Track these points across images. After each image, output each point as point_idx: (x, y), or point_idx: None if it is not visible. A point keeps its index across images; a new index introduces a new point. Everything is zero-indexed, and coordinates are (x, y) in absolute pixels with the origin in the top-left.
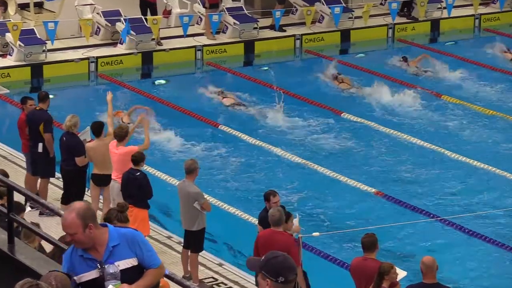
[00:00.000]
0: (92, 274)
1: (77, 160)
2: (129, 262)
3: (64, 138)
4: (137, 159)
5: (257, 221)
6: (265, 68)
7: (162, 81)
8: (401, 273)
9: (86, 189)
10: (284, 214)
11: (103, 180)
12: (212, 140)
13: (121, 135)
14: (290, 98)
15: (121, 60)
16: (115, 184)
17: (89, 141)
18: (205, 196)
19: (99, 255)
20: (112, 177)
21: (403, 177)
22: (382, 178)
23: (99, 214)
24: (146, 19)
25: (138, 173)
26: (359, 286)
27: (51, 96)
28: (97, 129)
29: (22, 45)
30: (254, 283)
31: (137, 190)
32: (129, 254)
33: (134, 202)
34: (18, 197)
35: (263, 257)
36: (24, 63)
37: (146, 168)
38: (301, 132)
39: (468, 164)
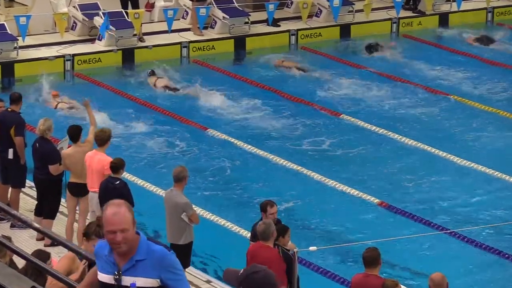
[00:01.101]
0: (107, 279)
1: (51, 169)
2: (149, 283)
3: (37, 144)
4: (117, 165)
5: (250, 236)
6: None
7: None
8: None
9: (62, 199)
10: (271, 228)
11: (80, 190)
12: (201, 145)
13: (103, 139)
14: (284, 100)
15: (99, 58)
16: (95, 196)
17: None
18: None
19: (122, 262)
20: (90, 189)
21: (408, 187)
22: (385, 187)
23: (75, 227)
24: (127, 13)
25: (118, 182)
26: None
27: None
28: (74, 133)
29: None
30: None
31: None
32: (152, 273)
33: None
34: None
35: (242, 271)
36: None
37: (126, 175)
38: (298, 137)
39: (480, 173)
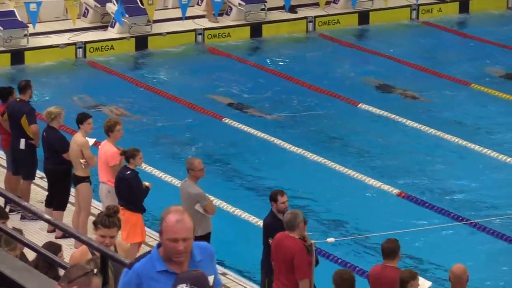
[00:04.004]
0: None
1: (65, 157)
2: (211, 280)
3: (45, 134)
4: (127, 155)
5: (262, 230)
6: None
7: None
8: (425, 284)
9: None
10: (298, 218)
11: (76, 180)
12: (215, 134)
13: (106, 129)
14: (301, 88)
15: (112, 46)
16: (103, 187)
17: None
18: (210, 198)
19: (181, 269)
20: (100, 179)
21: (428, 176)
22: (404, 177)
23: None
24: (140, 0)
25: (128, 172)
26: None
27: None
28: (77, 119)
29: (1, 29)
30: None
31: (127, 191)
32: (211, 271)
33: (125, 204)
34: None
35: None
36: (3, 49)
37: (144, 166)
38: (315, 126)
39: (504, 163)
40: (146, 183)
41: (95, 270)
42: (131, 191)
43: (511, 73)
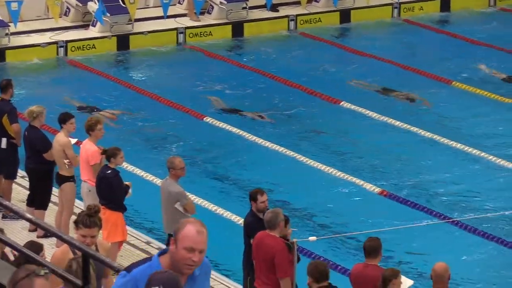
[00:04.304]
0: None
1: (45, 156)
2: None
3: (26, 133)
4: (108, 154)
5: (243, 229)
6: None
7: None
8: (406, 282)
9: (55, 189)
10: (278, 217)
11: (60, 180)
12: (196, 133)
13: (86, 128)
14: (284, 87)
15: (93, 45)
16: (84, 185)
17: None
18: (190, 196)
19: (183, 283)
20: (81, 177)
21: (410, 174)
22: (386, 175)
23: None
24: None
25: (109, 171)
26: None
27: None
28: (60, 119)
29: None
30: None
31: (108, 190)
32: (206, 285)
33: (106, 203)
34: None
35: None
36: None
37: (125, 165)
38: (296, 124)
39: (484, 160)
40: (127, 182)
41: (42, 271)
42: (111, 190)
43: (493, 70)
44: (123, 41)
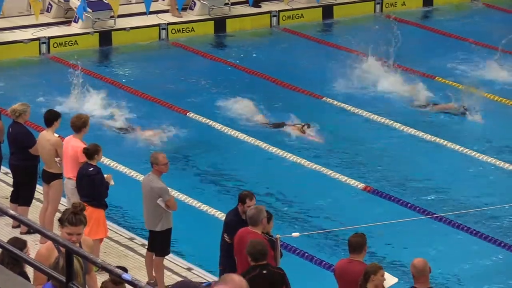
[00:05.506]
0: None
1: (31, 151)
2: None
3: (11, 129)
4: (90, 152)
5: (223, 226)
6: None
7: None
8: (390, 279)
9: (39, 186)
10: (261, 214)
11: (49, 177)
12: (179, 129)
13: (78, 125)
14: (266, 83)
15: (76, 41)
16: (69, 182)
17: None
18: (172, 193)
19: None
20: (65, 175)
21: (394, 170)
22: (370, 171)
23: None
24: None
25: (91, 169)
26: None
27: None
28: (49, 118)
29: None
30: None
31: (90, 187)
32: None
33: (88, 200)
34: None
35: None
36: None
37: (105, 161)
38: (280, 121)
39: (466, 156)
40: (106, 175)
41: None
42: (94, 188)
43: (474, 66)
44: (105, 37)
